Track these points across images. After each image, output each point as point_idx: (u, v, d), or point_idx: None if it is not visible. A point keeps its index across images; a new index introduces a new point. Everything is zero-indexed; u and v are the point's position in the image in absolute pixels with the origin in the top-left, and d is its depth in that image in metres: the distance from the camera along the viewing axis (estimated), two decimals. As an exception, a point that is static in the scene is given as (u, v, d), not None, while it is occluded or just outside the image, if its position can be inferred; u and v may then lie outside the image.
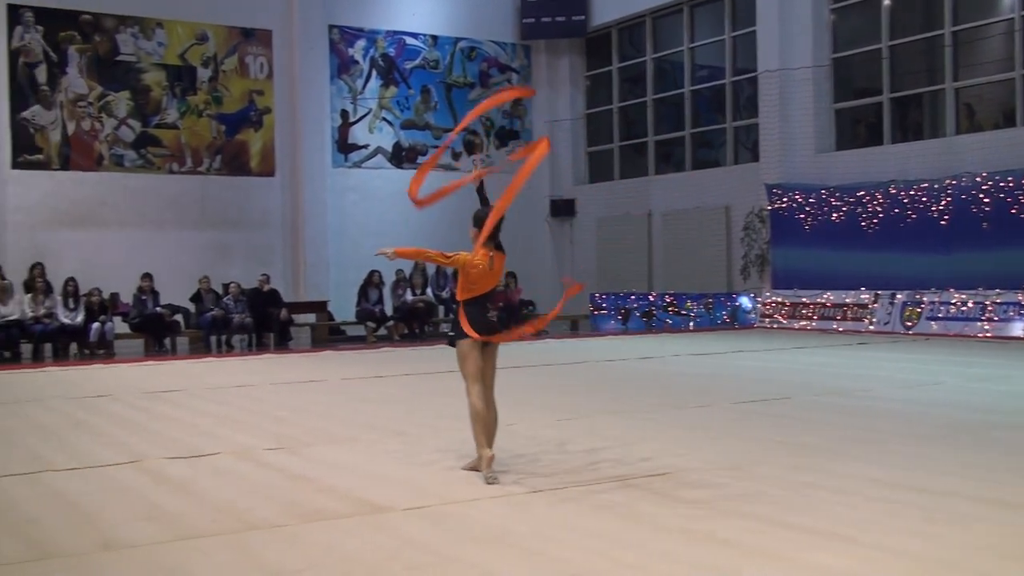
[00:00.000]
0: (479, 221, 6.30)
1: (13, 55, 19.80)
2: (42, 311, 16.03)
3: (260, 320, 17.68)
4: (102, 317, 16.41)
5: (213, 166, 21.57)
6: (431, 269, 19.92)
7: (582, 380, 11.57)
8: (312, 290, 21.52)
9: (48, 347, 16.19)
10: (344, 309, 19.97)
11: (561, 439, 7.35)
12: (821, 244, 19.02)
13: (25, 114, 19.88)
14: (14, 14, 19.79)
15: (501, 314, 6.34)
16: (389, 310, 19.02)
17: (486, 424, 6.08)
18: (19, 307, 15.93)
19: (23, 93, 19.89)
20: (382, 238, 22.79)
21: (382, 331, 18.84)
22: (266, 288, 18.16)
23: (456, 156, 24.32)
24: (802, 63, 19.79)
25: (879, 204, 18.15)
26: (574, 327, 21.11)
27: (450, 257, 6.18)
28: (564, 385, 11.02)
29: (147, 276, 17.27)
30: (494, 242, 6.31)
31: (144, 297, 17.09)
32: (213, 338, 17.24)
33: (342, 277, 21.51)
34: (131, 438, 7.81)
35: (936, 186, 17.30)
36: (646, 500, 5.40)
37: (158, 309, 17.10)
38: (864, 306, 18.11)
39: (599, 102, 25.61)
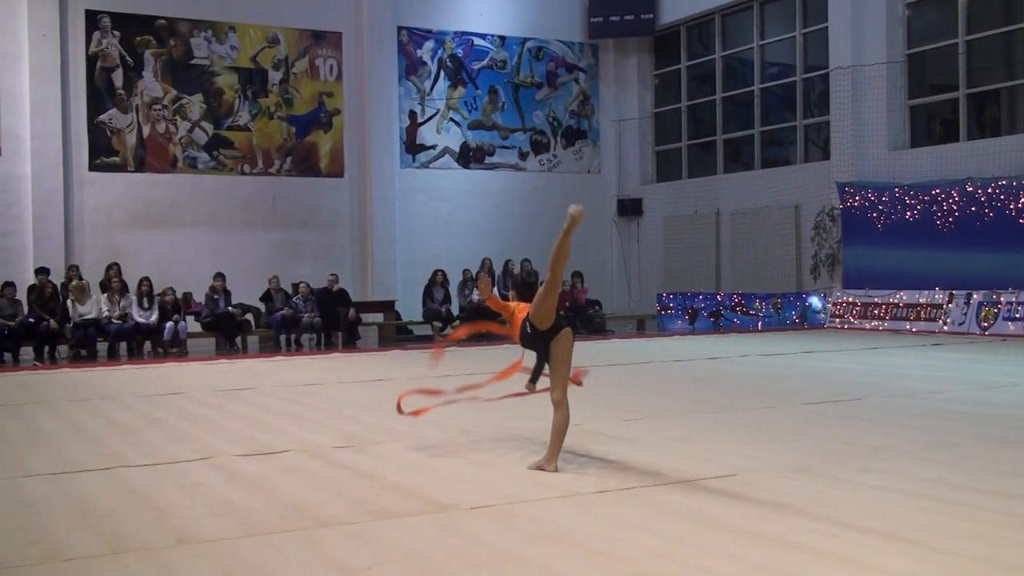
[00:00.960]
0: (517, 287, 6.81)
1: (91, 60, 20.31)
2: (117, 310, 16.39)
3: (328, 319, 17.88)
4: (175, 316, 16.72)
5: (283, 167, 21.89)
6: (499, 269, 19.97)
7: (648, 380, 11.52)
8: (379, 290, 21.73)
9: (123, 345, 16.54)
10: (411, 309, 20.12)
11: (627, 439, 7.34)
12: (894, 243, 18.71)
13: (102, 117, 20.38)
14: (92, 20, 20.29)
15: (568, 313, 6.55)
16: (456, 310, 19.11)
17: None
18: (96, 307, 16.31)
19: (100, 97, 20.39)
20: (449, 238, 22.99)
21: (448, 331, 18.93)
22: (335, 288, 18.35)
23: (523, 156, 24.36)
24: (875, 59, 19.48)
25: (955, 202, 17.80)
26: (640, 327, 21.01)
27: (508, 308, 6.69)
28: (630, 385, 10.98)
29: (219, 276, 17.57)
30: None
31: (216, 297, 17.38)
32: (282, 337, 17.47)
33: (409, 277, 21.69)
34: (203, 435, 7.95)
35: (1014, 183, 16.92)
36: (712, 501, 5.37)
37: (229, 309, 17.39)
38: (939, 306, 17.77)
39: (667, 100, 25.47)
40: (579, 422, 7.76)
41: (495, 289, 19.46)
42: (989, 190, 17.26)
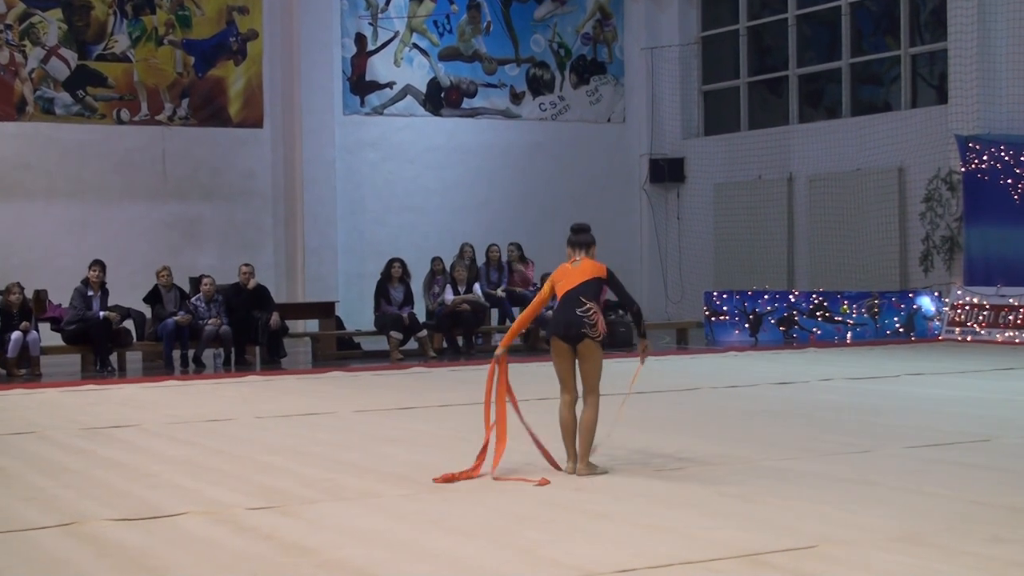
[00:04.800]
0: (575, 233, 8.55)
1: (-96, -39, 20.24)
2: (-57, 315, 16.32)
3: (242, 328, 17.84)
4: (24, 324, 16.63)
5: (178, 113, 21.84)
6: (481, 258, 19.89)
7: (695, 414, 11.53)
8: (314, 286, 21.69)
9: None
10: (359, 313, 20.08)
11: (664, 496, 7.34)
12: (1037, 222, 18.77)
13: (-79, 43, 20.34)
14: (-94, -96, 20.23)
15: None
16: (422, 315, 19.07)
17: (570, 434, 8.17)
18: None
19: (-82, 14, 20.34)
20: (413, 214, 22.95)
21: (411, 344, 18.92)
22: (250, 284, 18.31)
23: (517, 98, 24.33)
24: (1011, -38, 19.54)
25: (1123, 164, 17.88)
26: (682, 339, 21.02)
27: (543, 295, 8.59)
28: (671, 421, 10.98)
29: (97, 264, 17.27)
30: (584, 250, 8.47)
31: (91, 294, 17.17)
32: (176, 353, 17.43)
33: (356, 268, 21.65)
34: (64, 491, 7.92)
35: None
36: (783, 584, 5.38)
37: (101, 314, 17.21)
38: (1100, 311, 17.83)
39: (719, 21, 25.49)
40: (604, 471, 7.75)
41: (476, 286, 19.39)
42: None
